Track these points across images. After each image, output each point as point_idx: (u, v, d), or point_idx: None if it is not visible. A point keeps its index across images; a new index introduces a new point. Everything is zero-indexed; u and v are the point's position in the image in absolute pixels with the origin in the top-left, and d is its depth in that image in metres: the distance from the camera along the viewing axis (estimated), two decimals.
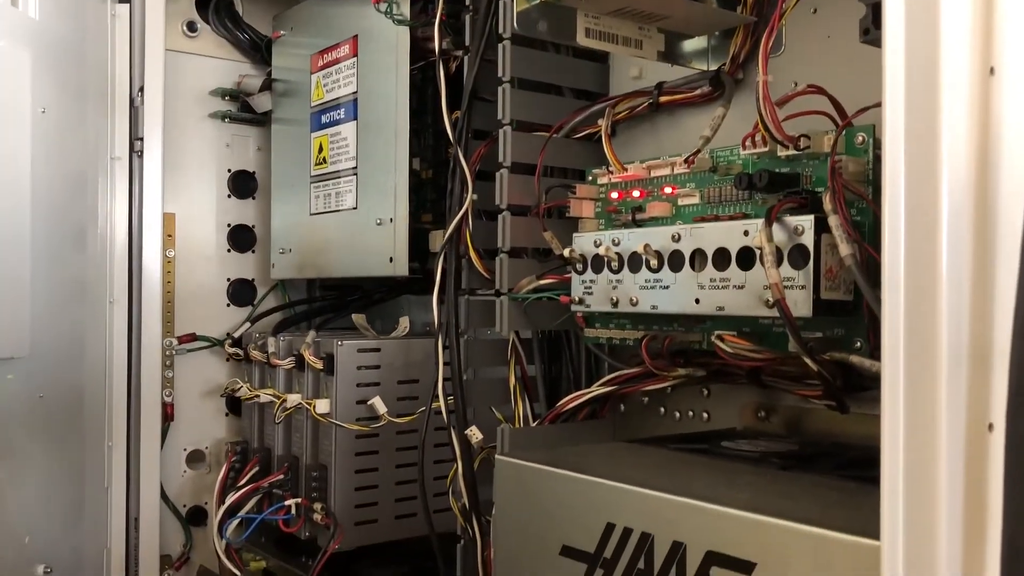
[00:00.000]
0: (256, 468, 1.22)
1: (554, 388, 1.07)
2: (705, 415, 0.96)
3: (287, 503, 1.15)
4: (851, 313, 0.73)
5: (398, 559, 1.23)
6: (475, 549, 0.98)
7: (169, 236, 1.36)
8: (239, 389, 1.27)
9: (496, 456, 0.79)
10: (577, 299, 0.90)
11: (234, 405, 1.41)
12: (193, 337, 1.37)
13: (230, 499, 1.17)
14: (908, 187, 0.49)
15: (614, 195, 0.93)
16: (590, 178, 0.96)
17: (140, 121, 1.29)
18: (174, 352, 1.36)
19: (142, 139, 1.29)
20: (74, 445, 1.21)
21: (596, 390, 0.98)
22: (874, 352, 0.72)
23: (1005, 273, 0.47)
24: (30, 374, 1.10)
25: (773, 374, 0.84)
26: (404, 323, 1.21)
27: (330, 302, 1.40)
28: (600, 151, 0.98)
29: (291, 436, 1.21)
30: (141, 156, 1.29)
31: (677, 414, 0.99)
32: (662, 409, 1.01)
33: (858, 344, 0.74)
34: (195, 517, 1.39)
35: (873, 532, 0.49)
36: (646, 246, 0.81)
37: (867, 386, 0.77)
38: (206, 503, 1.39)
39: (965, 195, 0.48)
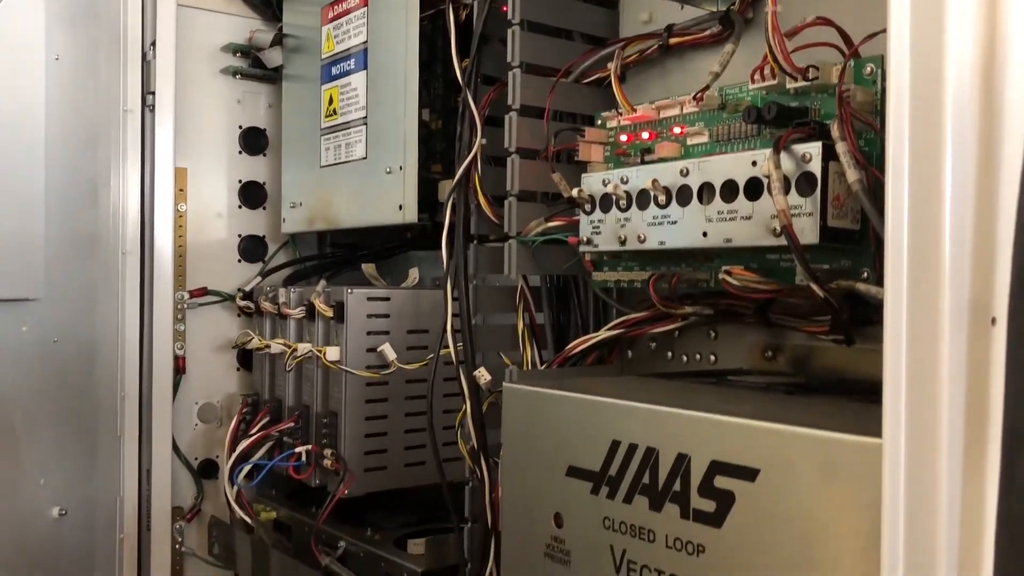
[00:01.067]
0: (267, 418, 1.24)
1: (562, 336, 1.08)
2: (712, 358, 0.96)
3: (298, 450, 1.16)
4: (858, 243, 0.73)
5: (407, 506, 1.25)
6: (483, 491, 0.99)
7: (181, 191, 1.37)
8: (250, 341, 1.28)
9: (504, 384, 0.80)
10: (585, 239, 0.90)
11: (245, 360, 1.42)
12: (204, 291, 1.38)
13: (241, 446, 1.19)
14: (912, 93, 0.49)
15: (623, 138, 0.93)
16: (599, 122, 0.96)
17: (152, 75, 1.30)
18: (185, 306, 1.37)
19: (154, 93, 1.30)
20: (87, 393, 1.23)
21: (603, 334, 0.98)
22: (880, 281, 0.73)
23: (1008, 170, 0.48)
24: (44, 318, 1.12)
25: (780, 311, 0.85)
26: (414, 274, 1.22)
27: (340, 256, 1.41)
28: (609, 97, 0.98)
29: (301, 386, 1.22)
30: (153, 110, 1.30)
31: (684, 358, 1.00)
32: (669, 353, 1.01)
33: (865, 275, 0.74)
34: (206, 470, 1.41)
35: (876, 435, 0.49)
36: (654, 182, 0.82)
37: (873, 319, 0.77)
38: (217, 456, 1.41)
39: (970, 99, 0.48)
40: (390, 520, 1.20)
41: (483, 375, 0.98)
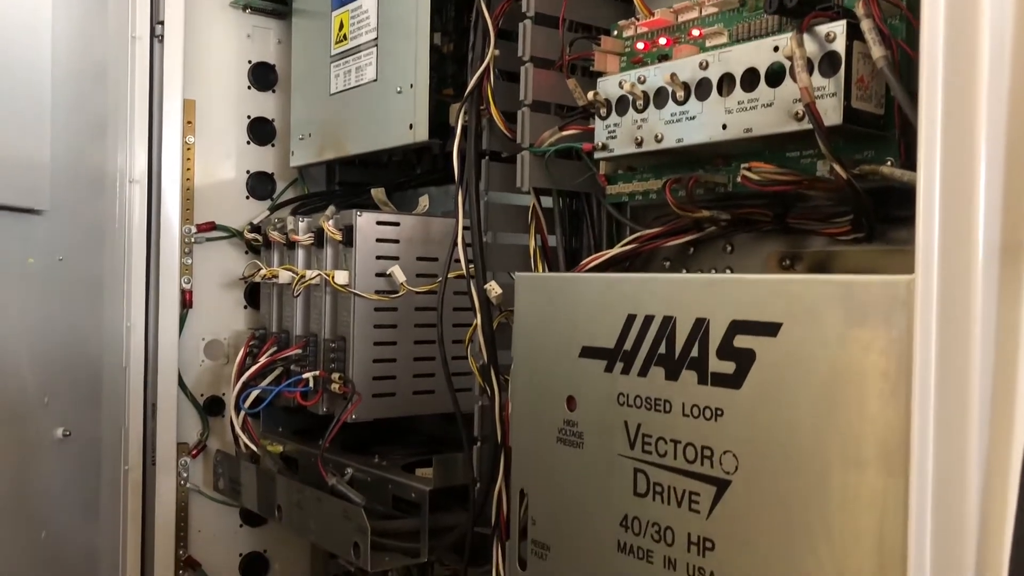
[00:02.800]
0: (274, 348, 1.22)
1: (574, 258, 1.06)
2: (728, 272, 0.95)
3: (305, 375, 1.15)
4: (882, 128, 0.71)
5: (415, 438, 1.24)
6: (493, 409, 0.97)
7: (189, 123, 1.35)
8: (258, 272, 1.27)
9: (516, 274, 0.78)
10: (600, 145, 0.89)
11: (253, 298, 1.41)
12: (212, 226, 1.37)
13: (248, 372, 1.17)
14: None
15: (640, 46, 0.91)
16: (615, 32, 0.94)
17: (161, 5, 1.28)
18: (193, 240, 1.36)
19: (163, 23, 1.28)
20: (92, 316, 1.21)
21: (617, 249, 0.96)
22: (906, 167, 0.71)
23: None
24: (50, 235, 1.10)
25: (799, 216, 0.83)
26: (424, 202, 1.20)
27: (349, 191, 1.39)
28: (625, 7, 0.96)
29: (309, 314, 1.20)
30: (162, 41, 1.29)
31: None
32: (683, 271, 0.99)
33: (889, 162, 0.72)
34: (212, 407, 1.39)
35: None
36: (672, 76, 0.80)
37: (895, 216, 0.75)
38: (223, 394, 1.40)
39: None
40: (398, 450, 1.18)
41: (494, 288, 0.96)
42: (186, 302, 1.34)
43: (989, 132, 0.46)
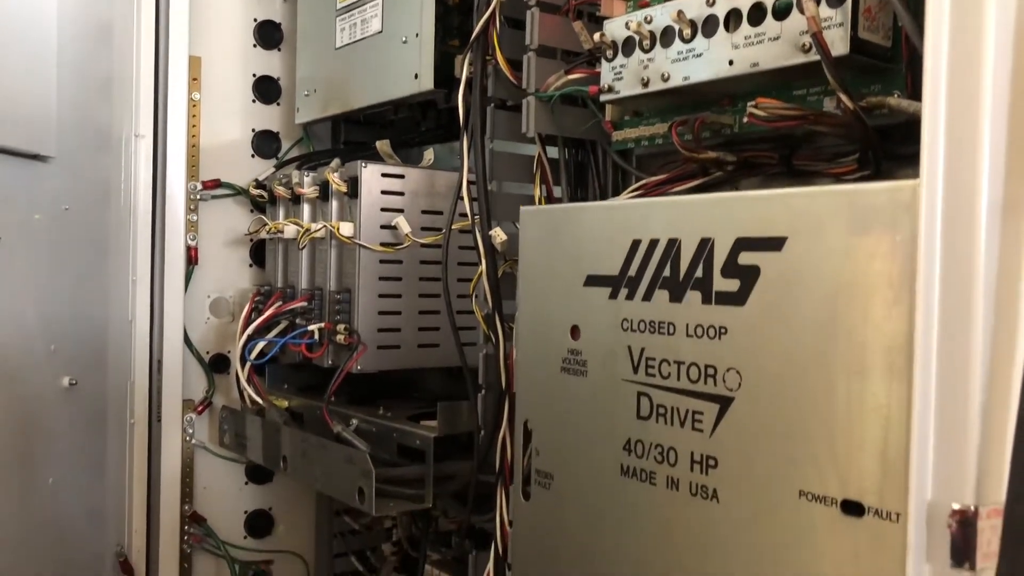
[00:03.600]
0: (280, 302, 1.22)
1: None
2: None
3: (310, 327, 1.15)
4: (889, 60, 0.71)
5: (420, 393, 1.24)
6: (497, 357, 0.98)
7: (195, 80, 1.35)
8: (263, 228, 1.27)
9: (521, 208, 0.78)
10: (606, 87, 0.88)
11: (258, 256, 1.41)
12: (218, 183, 1.37)
13: (254, 324, 1.18)
14: None
15: None
16: None
17: None
18: (198, 197, 1.36)
19: None
20: (97, 268, 1.22)
21: (623, 197, 0.96)
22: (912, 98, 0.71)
23: None
24: (55, 183, 1.10)
25: (805, 158, 0.83)
26: (429, 155, 1.20)
27: (353, 148, 1.39)
28: None
29: (315, 269, 1.21)
30: None
31: None
32: None
33: (896, 95, 0.72)
34: (217, 364, 1.40)
35: None
36: (679, 13, 0.80)
37: (900, 154, 0.75)
38: (229, 352, 1.40)
39: None
40: (403, 405, 1.19)
41: (499, 235, 0.97)
42: (191, 259, 1.35)
43: (996, 53, 0.46)
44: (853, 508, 0.50)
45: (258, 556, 1.42)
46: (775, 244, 0.54)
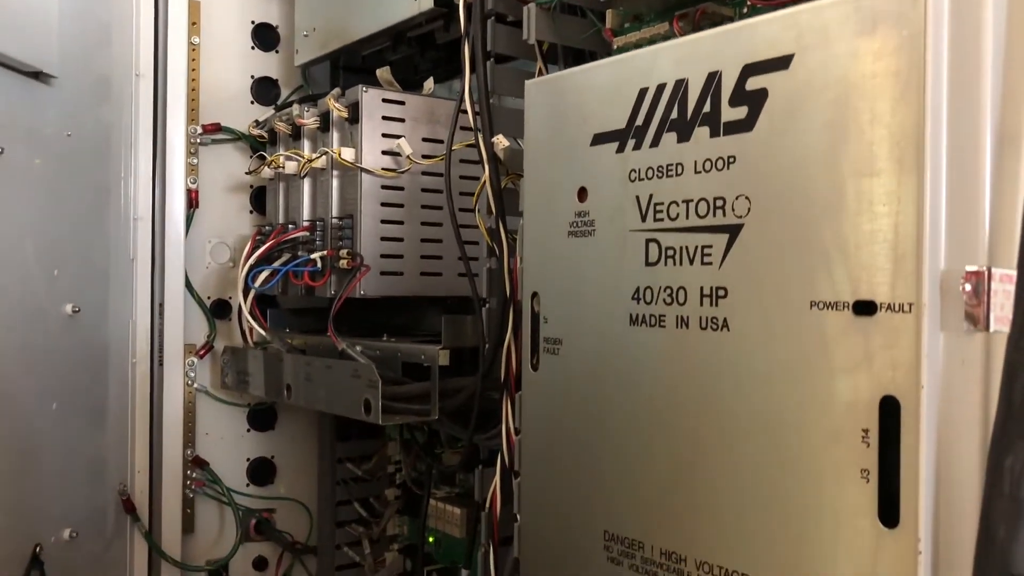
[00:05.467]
0: (282, 232, 1.22)
1: None
2: None
3: (313, 256, 1.15)
4: None
5: (423, 323, 1.24)
6: (501, 270, 0.98)
7: (194, 24, 1.36)
8: (264, 166, 1.27)
9: (527, 82, 0.78)
10: None
11: (258, 202, 1.41)
12: (218, 127, 1.37)
13: (257, 253, 1.18)
14: None
15: None
16: None
17: None
18: (198, 141, 1.36)
19: None
20: (99, 202, 1.22)
21: None
22: None
23: None
24: (58, 107, 1.11)
25: None
26: (429, 84, 1.21)
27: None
28: None
29: (316, 202, 1.21)
30: None
31: None
32: None
33: None
34: (219, 310, 1.39)
35: None
36: None
37: None
38: (230, 297, 1.40)
39: None
40: (407, 331, 1.19)
41: (501, 141, 0.97)
42: (192, 202, 1.35)
43: None
44: (865, 308, 0.50)
45: (260, 504, 1.41)
46: (782, 63, 0.54)
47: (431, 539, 1.30)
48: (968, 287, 0.45)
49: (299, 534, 1.44)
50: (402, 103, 1.15)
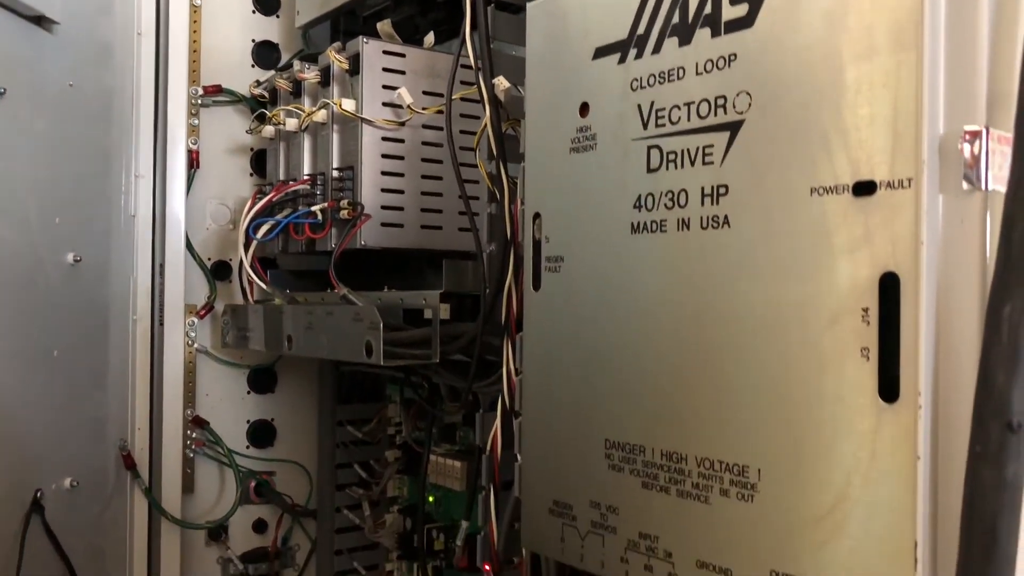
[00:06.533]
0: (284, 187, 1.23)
1: None
2: None
3: (314, 208, 1.16)
4: None
5: (423, 278, 1.24)
6: (502, 214, 0.98)
7: None
8: (264, 124, 1.28)
9: (528, 5, 0.79)
10: None
11: (259, 165, 1.42)
12: (219, 89, 1.38)
13: (259, 206, 1.18)
14: None
15: None
16: None
17: None
18: (199, 102, 1.37)
19: None
20: (100, 155, 1.22)
21: None
22: None
23: None
24: (62, 53, 1.11)
25: None
26: (429, 38, 1.21)
27: None
28: None
29: (316, 157, 1.21)
30: None
31: None
32: None
33: None
34: (219, 272, 1.40)
35: None
36: None
37: None
38: (230, 259, 1.40)
39: None
40: (407, 285, 1.19)
41: (502, 83, 0.98)
42: (193, 162, 1.35)
43: None
44: (865, 188, 0.51)
45: (260, 466, 1.42)
46: None
47: (431, 498, 1.31)
48: (967, 146, 0.46)
49: (299, 497, 1.44)
50: (403, 55, 1.16)
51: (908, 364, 0.49)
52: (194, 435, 1.35)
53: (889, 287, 0.50)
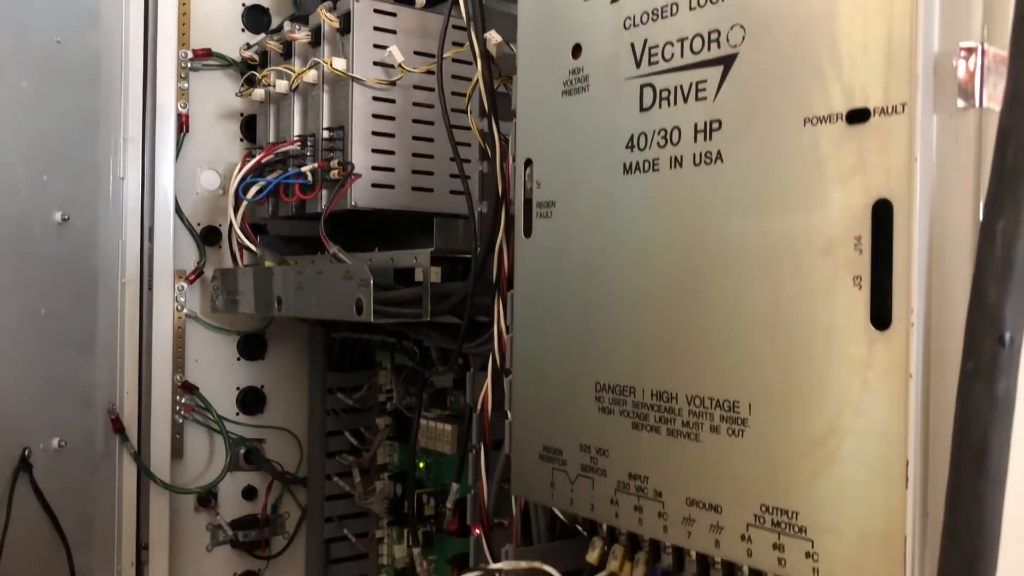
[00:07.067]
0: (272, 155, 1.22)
1: None
2: None
3: (304, 169, 1.15)
4: None
5: (414, 239, 1.24)
6: (494, 172, 0.98)
7: None
8: (255, 86, 1.26)
9: None
10: None
11: (249, 131, 1.41)
12: (208, 52, 1.37)
13: (248, 166, 1.17)
14: None
15: None
16: None
17: None
18: (189, 66, 1.35)
19: None
20: (88, 115, 1.21)
21: None
22: None
23: None
24: (48, 8, 1.10)
25: None
26: (420, 2, 1.20)
27: None
28: None
29: (307, 117, 1.20)
30: None
31: None
32: None
33: None
34: (209, 237, 1.39)
35: None
36: None
37: None
38: (220, 224, 1.39)
39: None
40: (398, 249, 1.19)
41: (494, 36, 0.97)
42: (182, 126, 1.34)
43: None
44: (859, 116, 0.50)
45: (250, 432, 1.41)
46: None
47: (421, 464, 1.30)
48: (961, 63, 0.45)
49: (289, 465, 1.44)
50: (394, 15, 1.15)
51: (900, 290, 0.48)
52: (183, 400, 1.34)
53: (882, 214, 0.49)
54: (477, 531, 0.96)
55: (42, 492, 1.08)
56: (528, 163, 0.75)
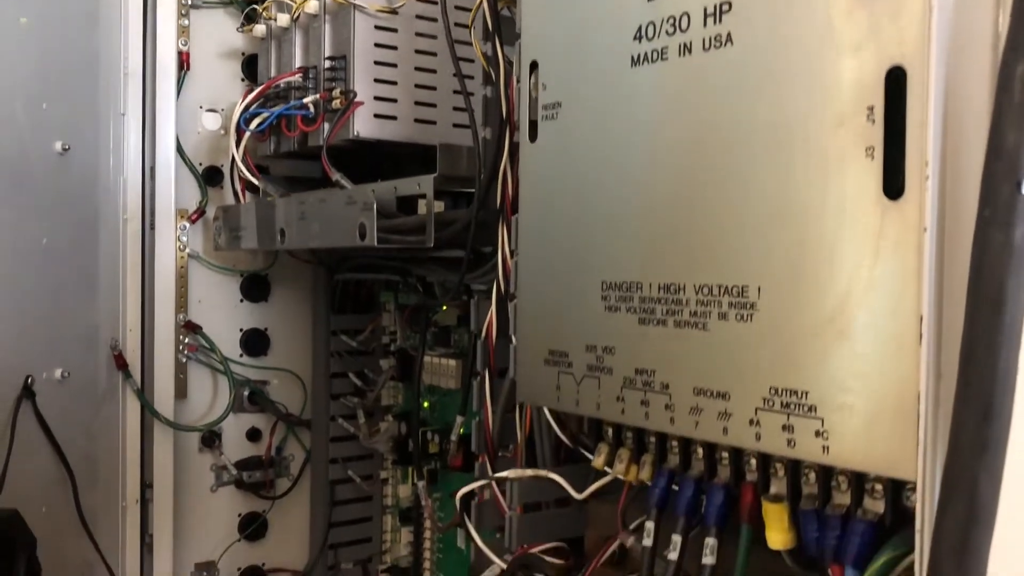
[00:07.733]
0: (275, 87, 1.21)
1: None
2: None
3: (306, 100, 1.14)
4: None
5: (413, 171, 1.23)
6: (498, 96, 0.97)
7: None
8: (256, 22, 1.25)
9: None
10: None
11: (250, 71, 1.39)
12: None
13: (251, 96, 1.16)
14: None
15: None
16: None
17: None
18: (190, 2, 1.34)
19: None
20: (86, 50, 1.20)
21: None
22: None
23: None
24: None
25: None
26: None
27: None
28: None
29: (308, 50, 1.19)
30: None
31: None
32: None
33: None
34: (211, 177, 1.38)
35: None
36: None
37: None
38: (222, 164, 1.38)
39: None
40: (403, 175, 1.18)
41: None
42: (183, 64, 1.33)
43: None
44: None
45: (255, 374, 1.41)
46: None
47: (425, 404, 1.30)
48: None
49: (293, 407, 1.44)
50: None
51: (914, 157, 0.47)
52: (187, 340, 1.34)
53: (896, 81, 0.48)
54: (482, 460, 0.95)
55: (46, 421, 1.07)
56: (533, 66, 0.74)
